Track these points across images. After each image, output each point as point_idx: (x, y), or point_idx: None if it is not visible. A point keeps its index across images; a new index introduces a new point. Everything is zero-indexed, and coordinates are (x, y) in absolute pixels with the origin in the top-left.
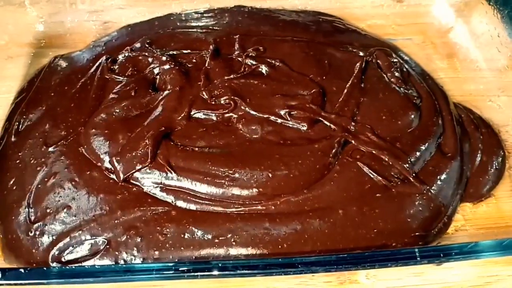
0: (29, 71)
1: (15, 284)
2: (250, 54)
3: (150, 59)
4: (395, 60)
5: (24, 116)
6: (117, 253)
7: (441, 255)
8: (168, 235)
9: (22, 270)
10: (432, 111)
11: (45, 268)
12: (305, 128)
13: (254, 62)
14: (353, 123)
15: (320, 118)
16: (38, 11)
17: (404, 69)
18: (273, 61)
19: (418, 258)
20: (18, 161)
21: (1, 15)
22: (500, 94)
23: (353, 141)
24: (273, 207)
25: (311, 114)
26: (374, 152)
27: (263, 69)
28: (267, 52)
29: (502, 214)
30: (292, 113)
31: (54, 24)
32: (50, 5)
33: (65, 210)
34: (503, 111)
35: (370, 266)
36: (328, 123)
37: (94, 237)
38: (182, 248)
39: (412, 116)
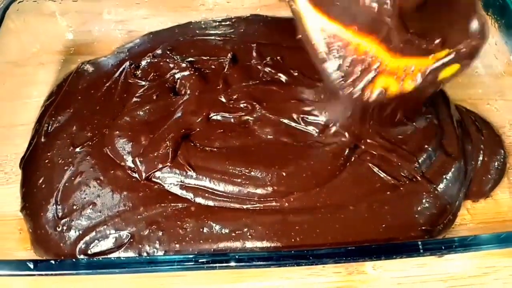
0: (58, 77)
1: (46, 275)
2: (267, 62)
3: (171, 65)
4: None
5: (53, 119)
6: (140, 246)
7: (443, 247)
8: (188, 229)
9: (53, 262)
10: (435, 114)
11: (74, 260)
12: (317, 132)
13: (271, 70)
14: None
15: None
16: (68, 21)
17: None
18: (288, 68)
19: (421, 251)
20: (47, 161)
21: (33, 25)
22: (498, 98)
23: (363, 146)
24: (286, 204)
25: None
26: (383, 154)
27: (280, 76)
28: (282, 60)
29: (499, 209)
30: (305, 117)
31: (83, 33)
32: (79, 15)
33: (90, 206)
34: (501, 114)
35: (377, 258)
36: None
37: (118, 231)
38: (201, 241)
39: (418, 119)
